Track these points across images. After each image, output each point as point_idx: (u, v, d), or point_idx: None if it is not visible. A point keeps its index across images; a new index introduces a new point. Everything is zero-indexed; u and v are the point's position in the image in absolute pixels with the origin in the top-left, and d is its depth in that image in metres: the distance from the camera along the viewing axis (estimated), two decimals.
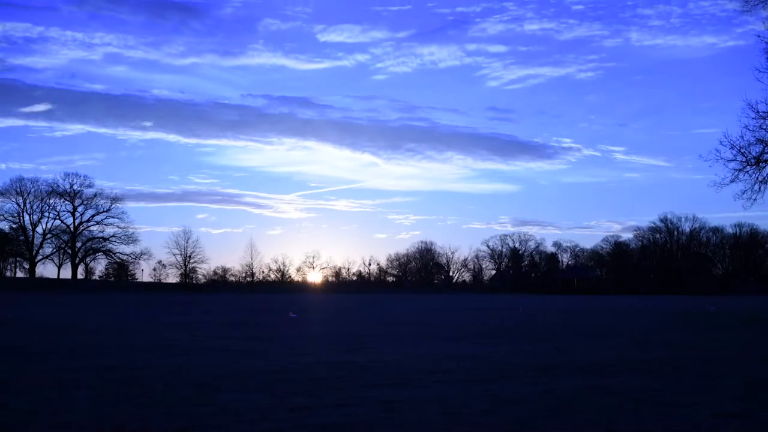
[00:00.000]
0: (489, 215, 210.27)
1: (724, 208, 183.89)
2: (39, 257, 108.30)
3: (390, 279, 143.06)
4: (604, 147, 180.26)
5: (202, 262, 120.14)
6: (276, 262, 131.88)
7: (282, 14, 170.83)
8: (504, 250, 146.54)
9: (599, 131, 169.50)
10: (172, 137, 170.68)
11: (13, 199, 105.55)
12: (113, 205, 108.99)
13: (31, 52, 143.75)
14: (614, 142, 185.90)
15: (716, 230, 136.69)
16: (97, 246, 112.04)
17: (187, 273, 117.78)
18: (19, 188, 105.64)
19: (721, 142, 32.58)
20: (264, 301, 54.24)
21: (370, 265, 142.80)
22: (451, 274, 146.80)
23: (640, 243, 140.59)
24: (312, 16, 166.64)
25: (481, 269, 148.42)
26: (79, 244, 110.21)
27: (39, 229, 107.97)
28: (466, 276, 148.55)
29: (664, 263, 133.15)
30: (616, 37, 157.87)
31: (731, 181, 32.52)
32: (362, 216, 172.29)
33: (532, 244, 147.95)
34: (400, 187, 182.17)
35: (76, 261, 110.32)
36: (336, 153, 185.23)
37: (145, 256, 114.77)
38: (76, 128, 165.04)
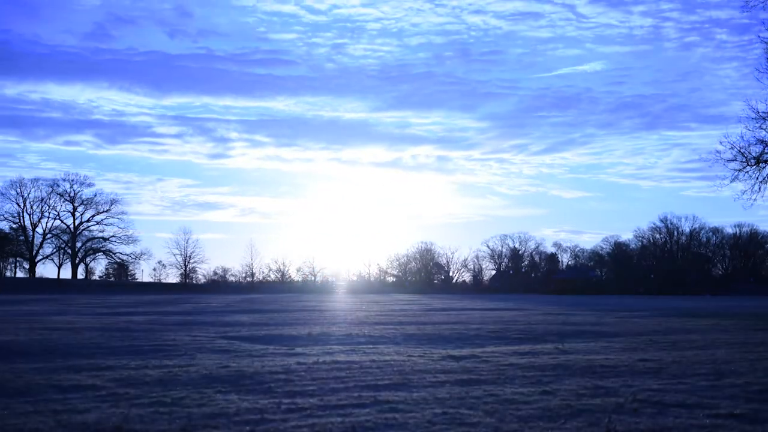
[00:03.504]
0: (531, 229, 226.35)
1: (723, 208, 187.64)
2: (39, 257, 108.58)
3: (390, 279, 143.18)
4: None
5: (202, 262, 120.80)
6: (276, 262, 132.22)
7: None
8: (504, 250, 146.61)
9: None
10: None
11: (13, 200, 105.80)
12: (113, 206, 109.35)
13: None
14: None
15: (716, 230, 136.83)
16: (97, 246, 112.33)
17: (187, 273, 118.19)
18: (19, 188, 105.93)
19: (720, 142, 32.70)
20: (264, 301, 54.23)
21: (369, 265, 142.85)
22: (451, 274, 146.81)
23: (640, 243, 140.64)
24: None
25: (481, 269, 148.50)
26: (79, 244, 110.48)
27: (39, 230, 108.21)
28: (466, 276, 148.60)
29: (664, 263, 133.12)
30: None
31: (731, 182, 32.61)
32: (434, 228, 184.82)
33: (532, 245, 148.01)
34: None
35: (76, 261, 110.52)
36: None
37: (145, 256, 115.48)
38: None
